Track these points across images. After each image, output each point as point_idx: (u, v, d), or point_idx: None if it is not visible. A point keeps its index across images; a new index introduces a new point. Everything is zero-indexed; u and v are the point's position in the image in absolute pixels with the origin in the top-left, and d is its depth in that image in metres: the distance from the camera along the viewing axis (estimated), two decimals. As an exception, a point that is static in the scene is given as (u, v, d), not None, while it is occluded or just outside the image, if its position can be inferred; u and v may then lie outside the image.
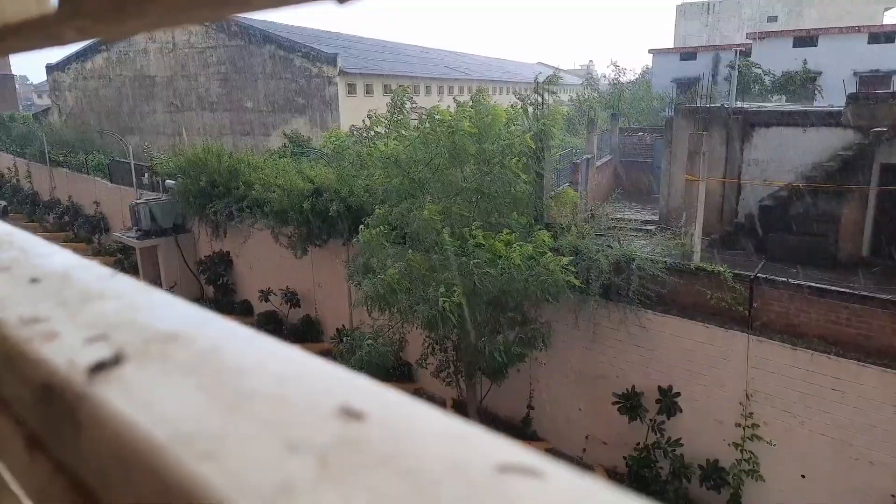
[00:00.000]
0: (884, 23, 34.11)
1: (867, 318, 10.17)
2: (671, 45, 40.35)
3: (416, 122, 12.66)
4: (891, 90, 20.62)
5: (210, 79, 30.94)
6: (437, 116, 11.96)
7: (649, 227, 16.12)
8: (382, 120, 13.77)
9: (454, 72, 39.19)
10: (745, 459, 11.42)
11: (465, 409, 15.04)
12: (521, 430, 14.91)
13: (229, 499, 0.36)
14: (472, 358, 13.52)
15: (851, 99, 10.72)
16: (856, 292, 10.51)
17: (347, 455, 0.39)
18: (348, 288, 16.79)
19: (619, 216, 14.98)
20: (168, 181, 20.58)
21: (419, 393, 16.99)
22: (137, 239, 20.43)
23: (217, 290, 20.63)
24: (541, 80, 13.44)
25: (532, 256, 10.72)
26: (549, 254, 10.94)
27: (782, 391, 10.88)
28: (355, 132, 14.68)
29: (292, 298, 18.58)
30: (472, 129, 11.10)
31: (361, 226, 12.56)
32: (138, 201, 21.02)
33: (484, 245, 10.69)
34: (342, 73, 27.22)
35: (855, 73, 26.17)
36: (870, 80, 25.93)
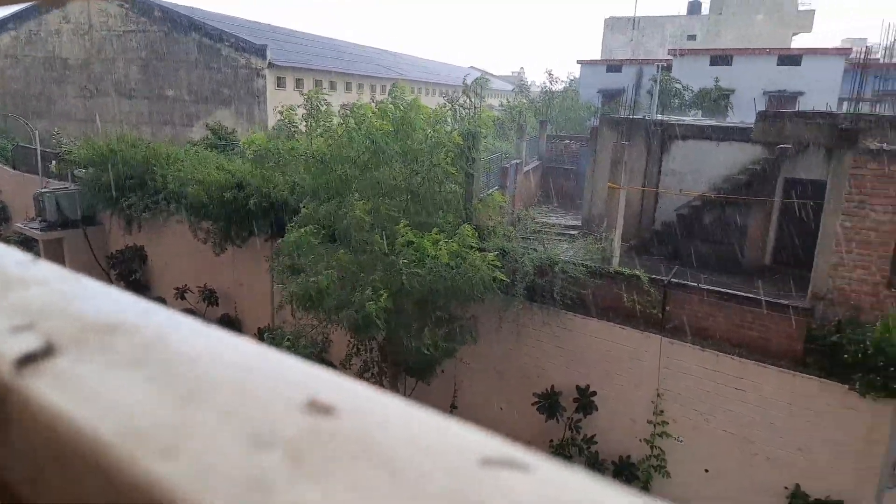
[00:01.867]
0: (792, 46, 36.67)
1: (767, 322, 10.84)
2: (598, 57, 41.78)
3: (339, 120, 12.47)
4: (795, 110, 22.12)
5: (129, 64, 29.39)
6: (356, 112, 11.82)
7: (573, 232, 16.61)
8: (295, 115, 13.48)
9: (387, 70, 39.00)
10: (654, 455, 11.94)
11: (388, 409, 14.95)
12: (444, 430, 14.95)
13: (196, 497, 0.32)
14: (398, 358, 13.46)
15: (760, 116, 11.41)
16: (757, 297, 11.19)
17: (321, 450, 0.36)
18: (271, 287, 16.35)
19: (544, 220, 15.31)
20: (78, 170, 19.37)
21: (342, 394, 16.74)
22: (41, 231, 19.10)
23: (129, 286, 19.58)
24: (470, 82, 13.56)
25: (458, 254, 10.78)
26: (477, 252, 11.04)
27: (690, 390, 11.44)
28: (282, 126, 14.29)
29: (210, 297, 17.90)
30: (387, 126, 11.02)
31: (289, 225, 12.25)
32: (44, 190, 19.66)
33: (413, 244, 10.66)
34: (271, 65, 26.52)
35: (764, 93, 27.95)
36: (777, 99, 27.78)
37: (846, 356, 9.65)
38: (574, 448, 12.54)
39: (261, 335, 15.40)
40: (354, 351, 15.11)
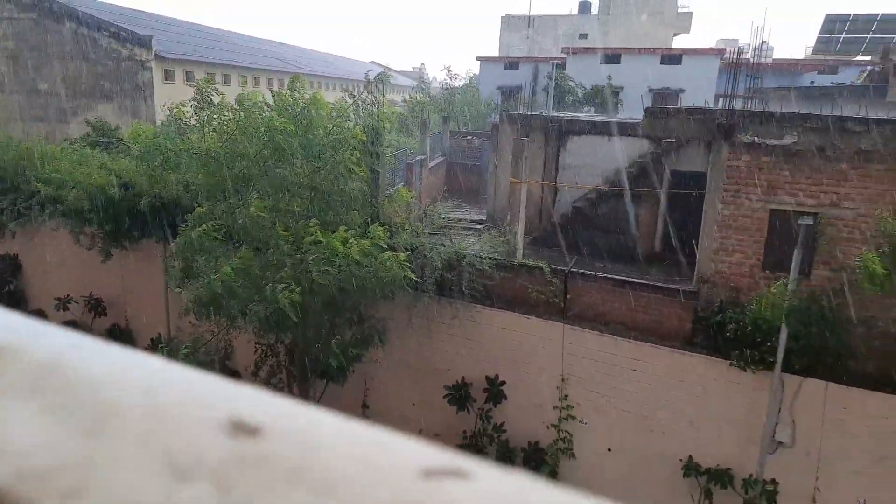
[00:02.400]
0: (673, 46, 39.24)
1: (658, 306, 11.58)
2: (496, 55, 42.72)
3: (231, 114, 11.92)
4: (678, 106, 23.68)
5: (-7, 54, 26.62)
6: (247, 103, 11.38)
7: (478, 226, 16.90)
8: (186, 111, 12.77)
9: (286, 64, 37.81)
10: (560, 439, 12.45)
11: (298, 413, 14.58)
12: (356, 430, 14.79)
13: None
14: (306, 361, 13.14)
15: (647, 113, 12.12)
16: (649, 283, 11.92)
17: (251, 476, 0.32)
18: (166, 293, 15.45)
19: (450, 215, 15.47)
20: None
21: (249, 400, 16.14)
22: None
23: (0, 299, 17.82)
24: (372, 77, 13.42)
25: (369, 253, 10.67)
26: (388, 251, 10.97)
27: (592, 374, 12.02)
28: (171, 122, 13.47)
29: (97, 306, 16.66)
30: (287, 124, 10.69)
31: (182, 225, 11.58)
32: None
33: (321, 242, 10.42)
34: (158, 57, 24.95)
35: (650, 90, 29.72)
36: (662, 96, 29.64)
37: (728, 334, 10.50)
38: (485, 438, 12.82)
39: (155, 346, 14.51)
40: (261, 357, 14.60)
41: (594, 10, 46.23)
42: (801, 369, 9.97)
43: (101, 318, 16.83)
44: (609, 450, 12.12)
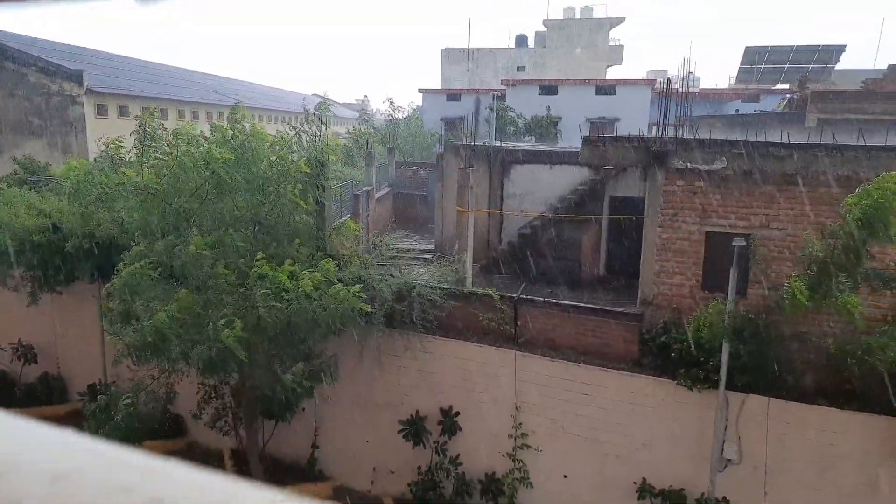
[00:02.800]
0: (607, 77, 40.88)
1: (605, 329, 11.80)
2: (438, 86, 43.42)
3: (169, 148, 11.62)
4: (614, 135, 24.58)
5: None
6: (183, 136, 11.13)
7: (427, 256, 16.90)
8: (122, 146, 12.38)
9: (225, 97, 37.26)
10: (517, 468, 12.39)
11: (245, 458, 14.02)
12: (307, 471, 14.34)
13: None
14: (254, 400, 12.68)
15: (585, 142, 12.50)
16: (595, 307, 12.15)
17: None
18: (101, 337, 14.70)
19: (399, 246, 15.42)
20: None
21: (192, 448, 15.41)
22: None
23: (-83, 350, 16.55)
24: (312, 109, 13.35)
25: (318, 287, 10.47)
26: (339, 284, 10.79)
27: (545, 400, 12.07)
28: (105, 157, 12.98)
29: (27, 353, 15.69)
30: (227, 155, 10.48)
31: (120, 265, 11.08)
32: None
33: (268, 276, 10.15)
34: (90, 92, 24.16)
35: (587, 119, 30.77)
36: (598, 125, 30.71)
37: (673, 354, 10.78)
38: (442, 472, 12.62)
39: (92, 394, 13.73)
40: (205, 399, 14.03)
41: (531, 44, 47.75)
42: (744, 386, 10.30)
43: (31, 365, 15.86)
44: (565, 476, 12.13)
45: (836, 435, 9.98)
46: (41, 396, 15.70)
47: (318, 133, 13.33)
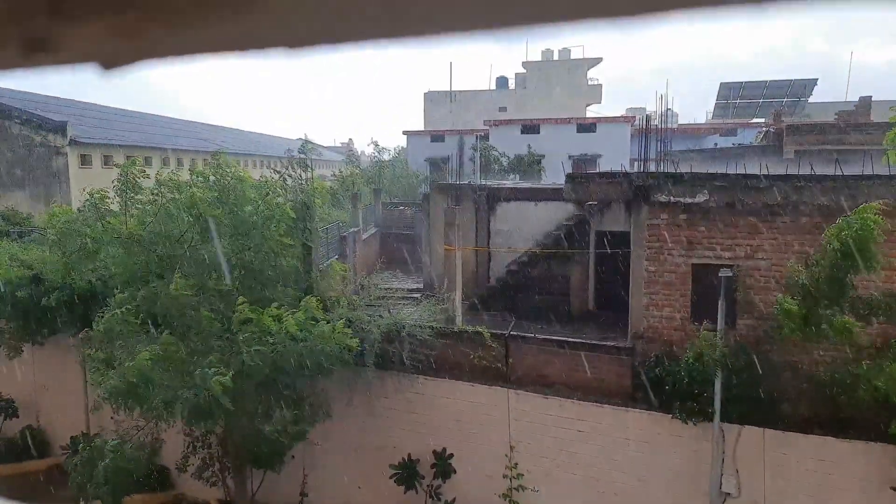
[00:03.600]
0: (587, 116, 41.76)
1: (597, 363, 11.74)
2: (422, 128, 44.07)
3: (153, 196, 11.61)
4: (597, 171, 24.97)
5: None
6: (169, 185, 11.14)
7: (416, 295, 16.82)
8: (107, 195, 12.35)
9: (209, 144, 37.48)
10: (513, 510, 12.10)
11: (233, 509, 13.59)
12: (298, 520, 13.91)
13: None
14: (242, 449, 12.37)
15: (569, 178, 12.67)
16: (586, 342, 12.11)
17: None
18: (85, 389, 14.37)
19: (387, 286, 15.36)
20: None
21: (179, 500, 14.93)
22: None
23: None
24: (296, 152, 13.45)
25: (303, 327, 10.34)
26: (324, 322, 10.69)
27: (539, 438, 11.89)
28: (90, 208, 12.92)
29: (7, 407, 15.28)
30: (210, 194, 10.48)
31: (101, 313, 10.91)
32: None
33: (252, 320, 10.03)
34: (74, 142, 24.20)
35: (569, 156, 31.25)
36: (581, 162, 31.20)
37: (667, 388, 10.71)
38: (437, 516, 12.31)
39: (74, 446, 13.32)
40: (191, 450, 13.67)
41: (511, 86, 48.83)
42: (739, 417, 10.23)
43: (12, 420, 15.43)
44: (562, 516, 11.86)
45: (833, 464, 9.89)
46: (22, 451, 15.21)
47: (304, 176, 13.40)
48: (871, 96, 27.34)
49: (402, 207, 26.94)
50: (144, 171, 12.96)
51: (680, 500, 10.84)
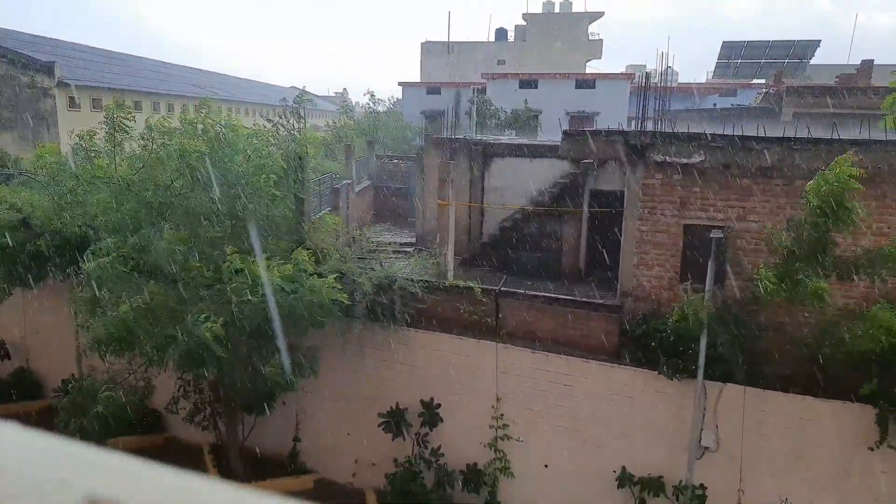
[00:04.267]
0: (586, 72, 41.06)
1: (586, 321, 11.89)
2: (419, 80, 43.29)
3: (143, 141, 11.44)
4: (594, 128, 24.75)
5: None
6: (160, 131, 10.96)
7: (408, 249, 16.86)
8: (95, 136, 12.15)
9: (200, 89, 36.74)
10: (498, 459, 12.46)
11: (225, 453, 13.90)
12: (288, 465, 14.27)
13: None
14: (233, 395, 12.57)
15: (565, 135, 12.54)
16: (576, 299, 12.23)
17: None
18: (76, 332, 14.45)
19: (379, 239, 15.36)
20: None
21: (170, 443, 15.24)
22: None
23: None
24: (291, 101, 13.22)
25: (293, 279, 10.38)
26: (314, 275, 10.72)
27: (526, 391, 12.14)
28: (79, 150, 12.72)
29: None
30: (204, 147, 10.33)
31: (90, 250, 10.85)
32: None
33: (243, 271, 10.05)
34: (62, 84, 23.66)
35: (567, 113, 30.90)
36: (578, 119, 30.88)
37: (653, 345, 10.90)
38: (423, 463, 12.65)
39: (65, 389, 13.50)
40: (183, 394, 13.88)
41: (510, 38, 47.80)
42: (721, 375, 10.46)
43: (3, 361, 15.54)
44: (546, 466, 12.23)
45: (810, 422, 10.18)
46: (14, 392, 15.40)
47: (297, 126, 13.21)
48: (872, 60, 27.01)
49: (396, 160, 26.69)
50: (132, 115, 12.73)
51: (659, 453, 11.18)
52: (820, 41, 37.76)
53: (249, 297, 9.74)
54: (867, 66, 27.20)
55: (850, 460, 10.01)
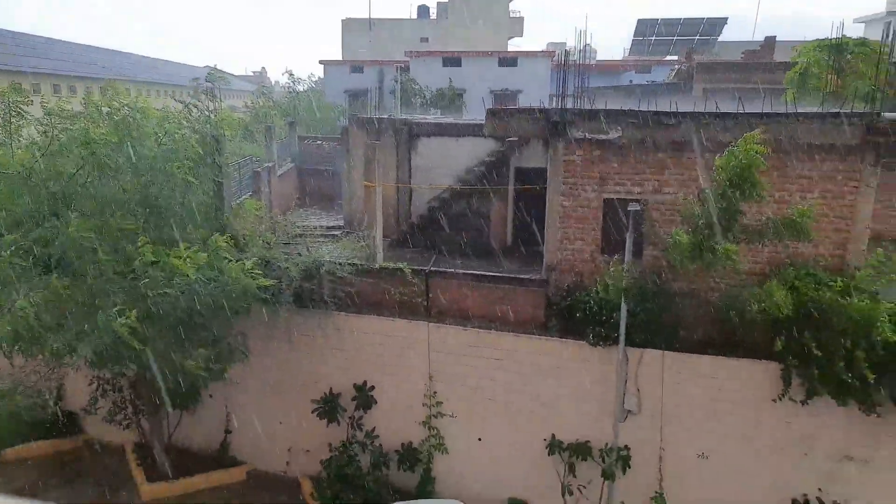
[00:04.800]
0: (509, 50, 41.35)
1: (513, 296, 12.13)
2: (340, 58, 42.28)
3: (43, 127, 10.64)
4: (517, 107, 25.00)
5: None
6: (61, 115, 10.22)
7: (335, 233, 16.59)
8: None
9: (107, 70, 34.51)
10: (432, 436, 12.62)
11: (150, 451, 13.39)
12: (218, 458, 13.91)
13: None
14: (155, 390, 12.07)
15: (489, 114, 12.61)
16: (504, 275, 12.44)
17: None
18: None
19: (305, 223, 15.01)
20: None
21: (89, 445, 14.52)
22: None
23: None
24: (203, 81, 12.60)
25: (212, 267, 9.97)
26: (232, 262, 10.35)
27: (458, 368, 12.29)
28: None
29: None
30: (109, 135, 9.72)
31: None
32: None
33: (158, 262, 9.57)
34: (-55, 64, 21.60)
35: (490, 91, 31.07)
36: (501, 97, 31.14)
37: (578, 316, 11.26)
38: (358, 446, 12.63)
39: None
40: (100, 393, 13.23)
41: (433, 15, 47.40)
42: (642, 342, 10.95)
43: None
44: (479, 439, 12.48)
45: (724, 381, 10.84)
46: None
47: (212, 107, 12.63)
48: (775, 37, 28.55)
49: (319, 142, 26.09)
50: (29, 99, 11.82)
51: (587, 418, 11.63)
52: (727, 18, 39.56)
53: (167, 290, 9.31)
54: (770, 42, 28.75)
55: (759, 413, 10.75)
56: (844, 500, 10.51)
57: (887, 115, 10.13)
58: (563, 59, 13.29)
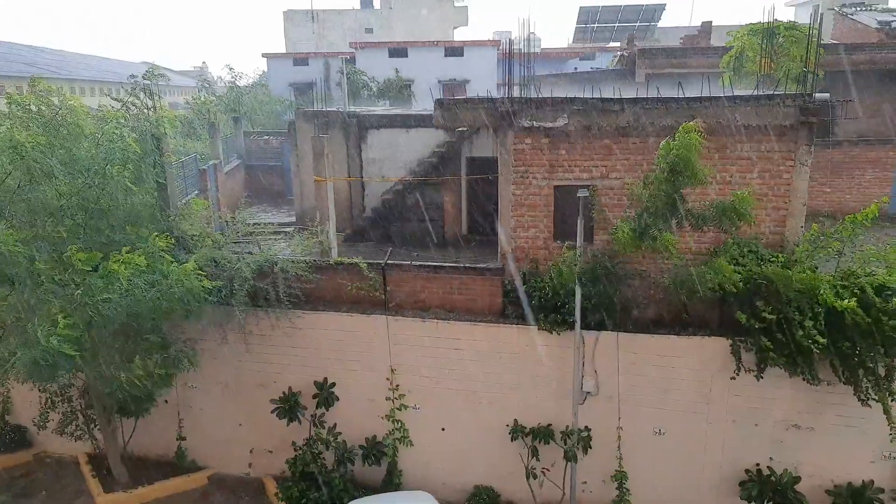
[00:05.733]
0: (455, 39, 41.29)
1: (470, 285, 12.22)
2: (283, 51, 41.37)
3: None
4: (465, 97, 25.02)
5: None
6: None
7: (288, 229, 16.32)
8: None
9: (36, 69, 32.82)
10: (396, 429, 12.64)
11: (104, 462, 12.98)
12: (177, 464, 13.59)
13: None
14: (105, 399, 11.68)
15: (437, 104, 12.59)
16: (459, 265, 12.51)
17: None
18: None
19: (256, 221, 14.73)
20: None
21: (40, 459, 13.97)
22: None
23: None
24: (140, 77, 12.14)
25: (153, 270, 9.66)
26: (174, 264, 10.05)
27: (419, 360, 12.33)
28: None
29: None
30: (38, 137, 9.26)
31: None
32: None
33: (97, 268, 9.20)
34: None
35: (438, 81, 31.05)
36: (449, 87, 31.15)
37: (533, 302, 11.44)
38: (321, 444, 12.55)
39: None
40: (49, 405, 12.73)
41: (377, 5, 46.86)
42: (597, 324, 11.22)
43: None
44: (443, 429, 12.57)
45: (675, 359, 11.23)
46: None
47: (151, 104, 12.19)
48: (711, 21, 29.39)
49: (266, 137, 25.56)
50: None
51: (547, 402, 11.86)
52: (665, 4, 40.50)
53: (108, 296, 8.97)
54: (707, 27, 29.58)
55: (710, 388, 11.18)
56: (794, 466, 11.07)
57: (818, 95, 10.61)
58: (507, 47, 13.37)
